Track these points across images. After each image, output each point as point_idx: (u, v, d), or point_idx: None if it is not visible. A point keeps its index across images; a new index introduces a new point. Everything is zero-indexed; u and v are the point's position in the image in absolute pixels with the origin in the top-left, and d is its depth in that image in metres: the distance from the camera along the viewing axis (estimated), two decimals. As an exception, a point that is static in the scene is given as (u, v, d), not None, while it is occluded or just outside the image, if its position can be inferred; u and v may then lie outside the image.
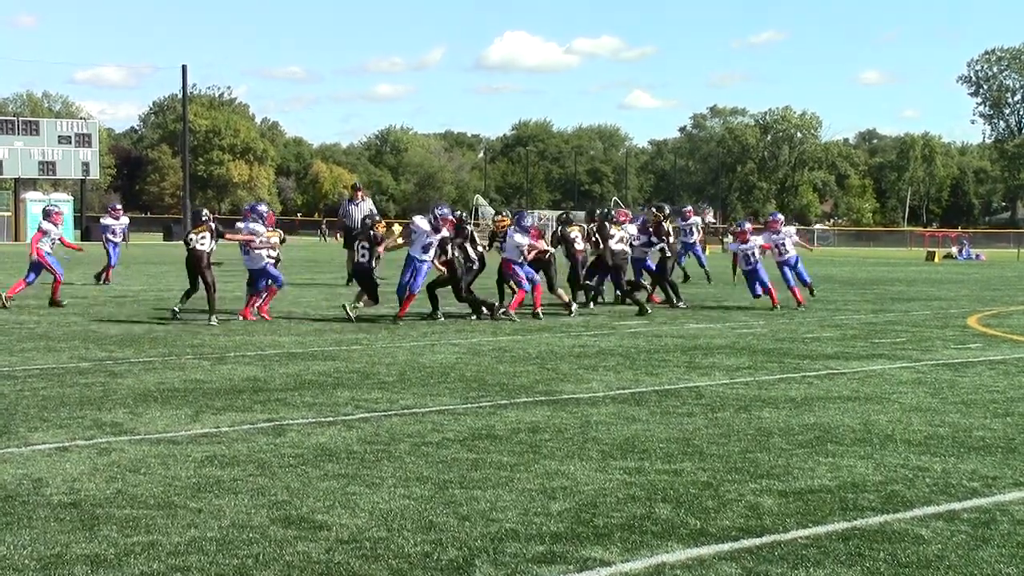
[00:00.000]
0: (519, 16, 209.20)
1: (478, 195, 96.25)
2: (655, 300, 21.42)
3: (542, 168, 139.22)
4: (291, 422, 9.07)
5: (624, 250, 20.23)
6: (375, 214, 19.19)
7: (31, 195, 67.22)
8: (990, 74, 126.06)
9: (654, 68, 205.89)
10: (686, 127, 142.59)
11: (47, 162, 67.62)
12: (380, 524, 6.16)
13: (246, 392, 10.50)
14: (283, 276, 17.97)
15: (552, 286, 18.82)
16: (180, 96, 74.14)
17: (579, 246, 20.26)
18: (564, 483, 7.11)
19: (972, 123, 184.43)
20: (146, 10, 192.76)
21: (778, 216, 21.83)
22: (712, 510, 6.52)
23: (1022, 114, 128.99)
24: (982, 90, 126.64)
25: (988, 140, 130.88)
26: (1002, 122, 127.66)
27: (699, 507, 6.58)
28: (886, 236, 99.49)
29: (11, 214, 66.96)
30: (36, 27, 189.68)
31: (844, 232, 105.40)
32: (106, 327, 16.18)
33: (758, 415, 9.62)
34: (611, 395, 10.63)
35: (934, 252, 58.22)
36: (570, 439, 8.51)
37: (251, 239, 17.30)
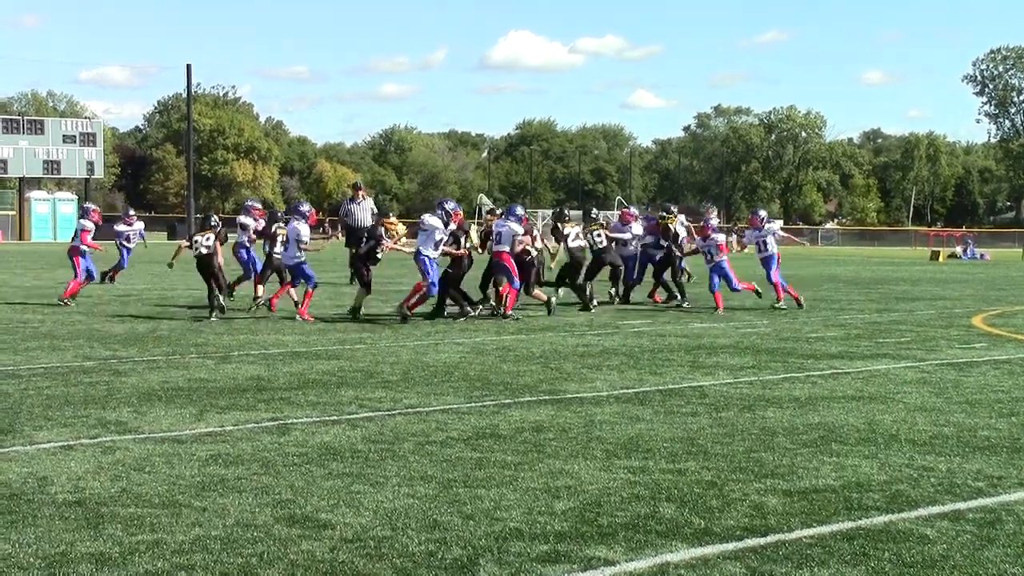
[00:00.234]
0: (523, 15, 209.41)
1: (482, 194, 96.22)
2: (656, 300, 21.43)
3: (546, 168, 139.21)
4: (295, 421, 9.07)
5: (581, 246, 20.10)
6: (387, 211, 19.18)
7: (35, 194, 67.45)
8: (995, 73, 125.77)
9: (658, 67, 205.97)
10: (690, 126, 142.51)
11: (52, 161, 67.70)
12: (384, 523, 6.16)
13: (250, 391, 10.50)
14: (316, 276, 18.00)
15: (529, 288, 18.56)
16: (184, 95, 74.25)
17: (577, 243, 20.15)
18: (568, 482, 7.10)
19: (977, 122, 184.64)
20: (151, 10, 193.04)
21: (760, 213, 21.64)
22: (716, 509, 6.52)
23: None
24: (987, 89, 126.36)
25: (993, 139, 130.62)
26: (1007, 121, 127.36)
27: (703, 506, 6.58)
28: (890, 235, 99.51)
29: (15, 213, 67.09)
30: (41, 26, 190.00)
31: (848, 231, 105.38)
32: (110, 326, 16.19)
33: (762, 415, 9.62)
34: (615, 394, 10.62)
35: (938, 252, 58.24)
36: (574, 438, 8.51)
37: (308, 247, 17.67)
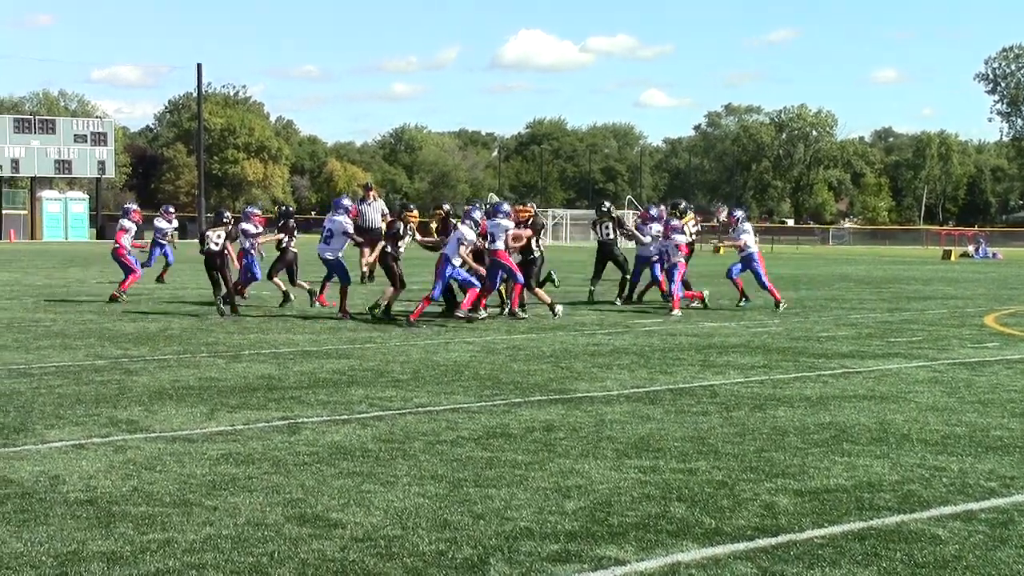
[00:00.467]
0: (534, 15, 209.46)
1: (492, 193, 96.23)
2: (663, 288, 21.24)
3: (556, 166, 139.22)
4: (306, 420, 9.07)
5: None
6: (409, 205, 19.09)
7: (47, 194, 67.58)
8: (1008, 71, 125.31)
9: (669, 66, 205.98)
10: (701, 125, 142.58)
11: (63, 161, 67.87)
12: (395, 522, 6.16)
13: (261, 390, 10.51)
14: (350, 276, 18.19)
15: (530, 285, 18.46)
16: (195, 95, 74.33)
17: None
18: (579, 482, 7.09)
19: (989, 121, 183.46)
20: (162, 10, 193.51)
21: (736, 213, 21.46)
22: (727, 509, 6.50)
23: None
24: (999, 88, 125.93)
25: (1005, 138, 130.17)
26: (1020, 120, 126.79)
27: (714, 506, 6.56)
28: (902, 234, 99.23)
29: (27, 212, 67.27)
30: (53, 26, 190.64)
31: (860, 231, 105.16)
32: (121, 325, 16.23)
33: (773, 414, 9.59)
34: (625, 394, 10.61)
35: (950, 251, 58.07)
36: (584, 438, 8.50)
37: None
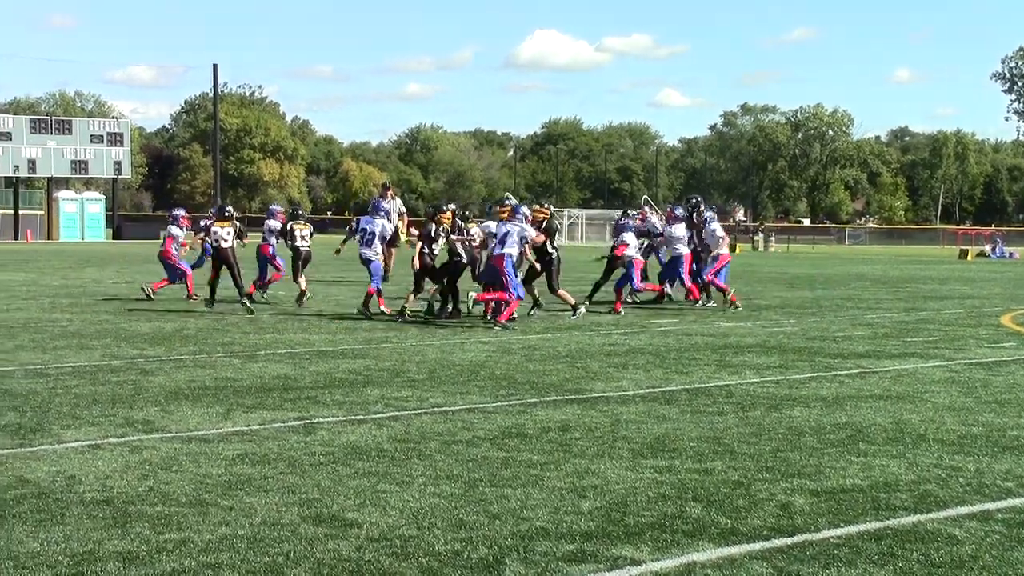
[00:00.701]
0: (550, 14, 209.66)
1: (508, 193, 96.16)
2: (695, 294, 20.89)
3: (572, 166, 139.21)
4: (321, 420, 9.09)
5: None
6: (442, 204, 18.72)
7: (63, 194, 67.82)
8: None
9: (685, 66, 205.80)
10: (716, 125, 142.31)
11: (79, 161, 68.10)
12: (410, 522, 6.17)
13: (277, 390, 10.53)
14: (379, 280, 18.50)
15: (552, 287, 18.29)
16: (211, 95, 74.58)
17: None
18: (594, 482, 7.09)
19: (1006, 120, 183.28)
20: (178, 10, 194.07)
21: (677, 210, 21.40)
22: (743, 509, 6.49)
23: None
24: (1016, 87, 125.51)
25: (1022, 137, 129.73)
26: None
27: (730, 506, 6.55)
28: (918, 234, 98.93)
29: (44, 213, 67.55)
30: (70, 27, 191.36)
31: (876, 230, 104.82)
32: (137, 325, 16.27)
33: (789, 414, 9.57)
34: (641, 394, 10.60)
35: (967, 250, 57.88)
36: (600, 438, 8.49)
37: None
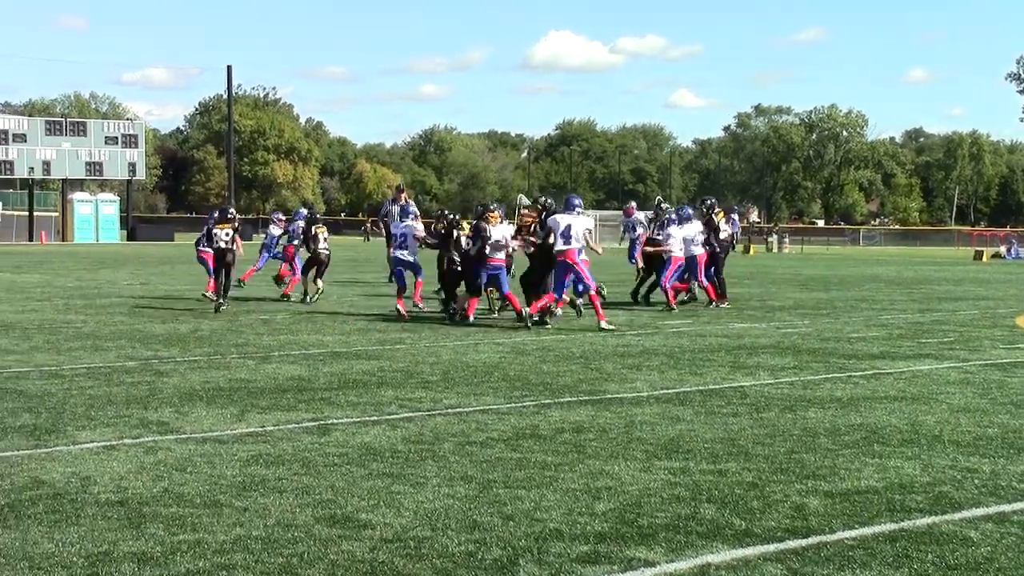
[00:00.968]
0: (564, 15, 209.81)
1: (521, 195, 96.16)
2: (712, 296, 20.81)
3: (586, 167, 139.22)
4: (336, 421, 9.10)
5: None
6: (489, 205, 18.00)
7: (78, 196, 67.98)
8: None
9: (699, 67, 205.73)
10: (730, 126, 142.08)
11: (94, 163, 68.22)
12: (424, 523, 6.17)
13: (291, 391, 10.54)
14: (422, 273, 18.68)
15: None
16: (225, 96, 74.72)
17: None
18: (608, 483, 7.08)
19: (1021, 121, 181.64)
20: (192, 11, 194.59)
21: (683, 210, 21.42)
22: (757, 511, 6.48)
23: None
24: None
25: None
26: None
27: (744, 508, 6.54)
28: (933, 235, 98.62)
29: (58, 214, 67.72)
30: (85, 29, 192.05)
31: (891, 231, 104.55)
32: (152, 326, 16.31)
33: (803, 415, 9.55)
34: (655, 395, 10.59)
35: (982, 251, 57.65)
36: (614, 439, 8.48)
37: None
